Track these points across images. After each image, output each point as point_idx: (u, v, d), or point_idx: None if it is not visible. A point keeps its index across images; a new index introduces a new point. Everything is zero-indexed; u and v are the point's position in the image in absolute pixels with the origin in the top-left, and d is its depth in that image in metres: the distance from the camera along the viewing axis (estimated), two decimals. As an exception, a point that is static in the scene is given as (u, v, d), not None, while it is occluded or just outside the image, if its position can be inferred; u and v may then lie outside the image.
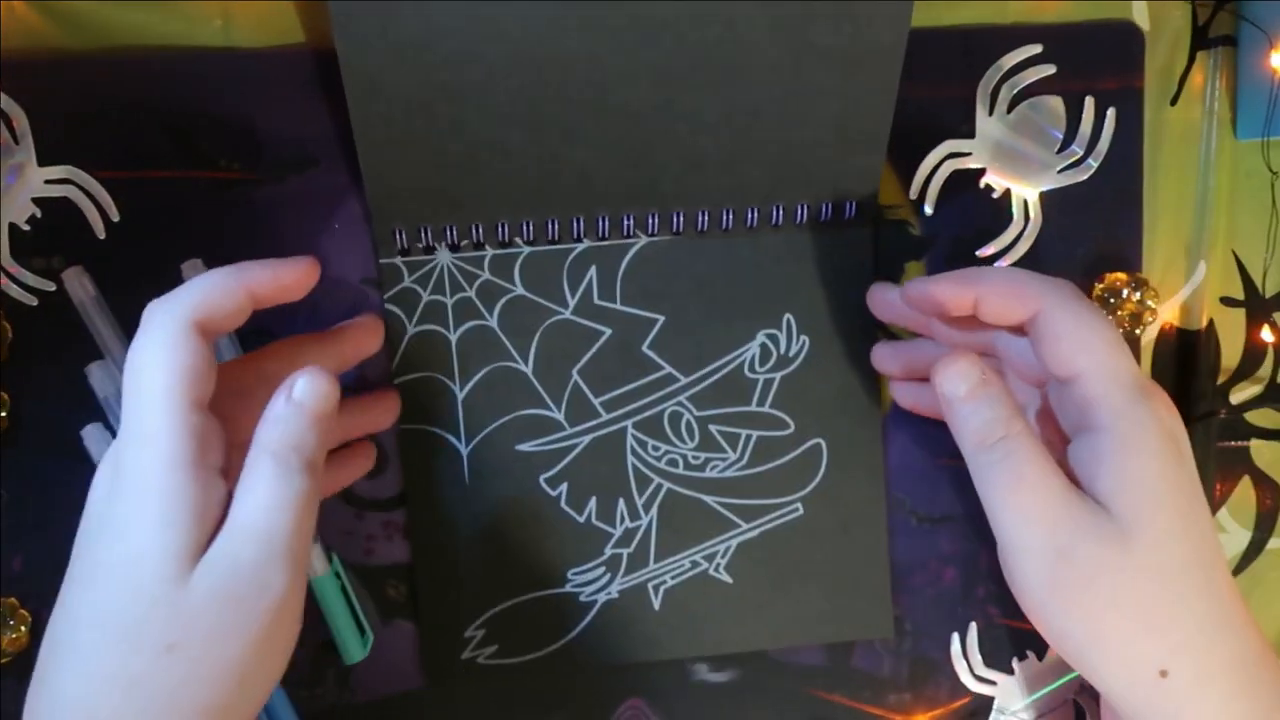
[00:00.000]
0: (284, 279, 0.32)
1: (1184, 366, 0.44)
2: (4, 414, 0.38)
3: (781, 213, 0.40)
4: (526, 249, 0.39)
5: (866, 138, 0.39)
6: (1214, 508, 0.45)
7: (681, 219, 0.39)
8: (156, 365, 0.29)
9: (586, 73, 0.35)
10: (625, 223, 0.39)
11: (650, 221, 0.39)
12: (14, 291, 0.37)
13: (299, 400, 0.31)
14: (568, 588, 0.41)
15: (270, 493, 0.29)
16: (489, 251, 0.39)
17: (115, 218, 0.38)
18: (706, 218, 0.40)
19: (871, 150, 0.39)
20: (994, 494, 0.33)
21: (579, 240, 0.39)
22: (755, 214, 0.40)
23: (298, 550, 0.30)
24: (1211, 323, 0.44)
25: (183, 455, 0.29)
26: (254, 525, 0.29)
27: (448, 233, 0.38)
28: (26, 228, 0.37)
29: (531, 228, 0.39)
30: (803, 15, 0.35)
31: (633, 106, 0.36)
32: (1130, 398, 0.32)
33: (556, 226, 0.39)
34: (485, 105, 0.35)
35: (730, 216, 0.40)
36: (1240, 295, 0.44)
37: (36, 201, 0.37)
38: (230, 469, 0.31)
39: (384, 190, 0.37)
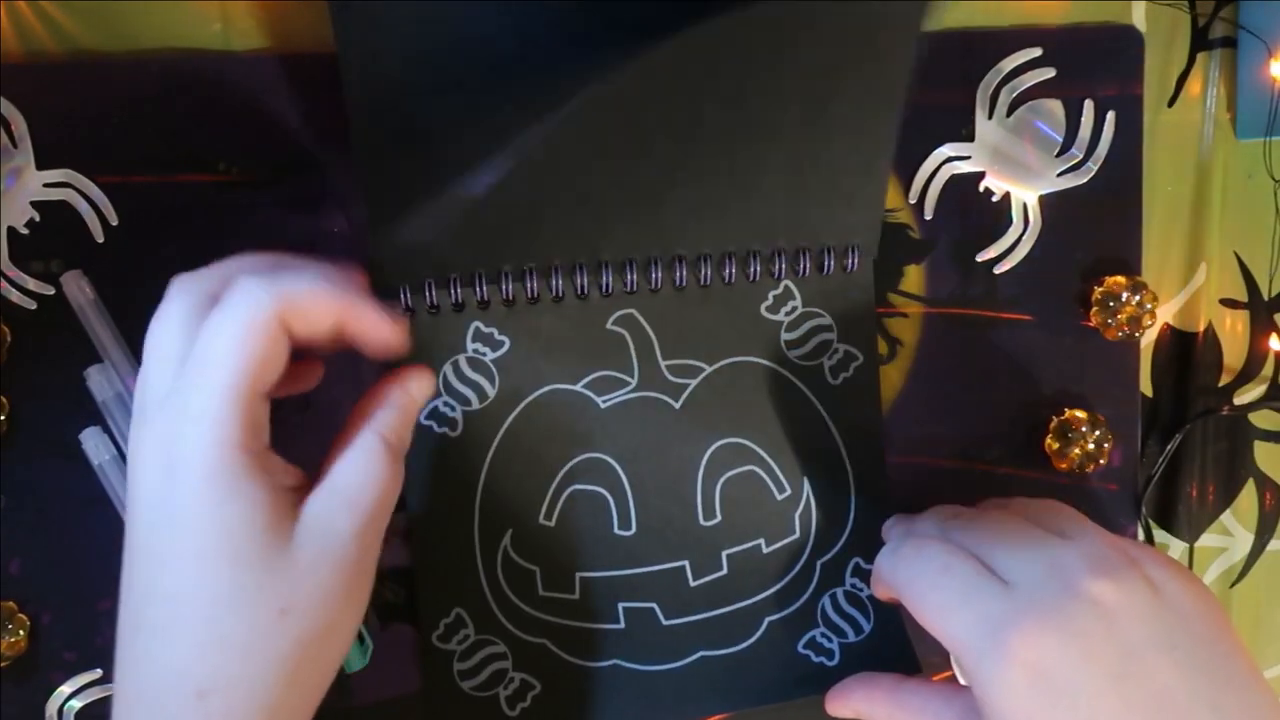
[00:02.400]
0: (375, 333, 0.32)
1: (1184, 369, 0.44)
2: (3, 417, 0.37)
3: (784, 263, 0.40)
4: (534, 312, 0.39)
5: (865, 184, 0.39)
6: (1215, 511, 0.45)
7: (685, 271, 0.39)
8: (233, 350, 0.29)
9: (585, 92, 0.35)
10: (628, 275, 0.39)
11: (654, 273, 0.39)
12: (12, 295, 0.37)
13: (416, 397, 0.33)
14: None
15: (377, 472, 0.31)
16: (486, 309, 0.39)
17: (114, 221, 0.38)
18: (709, 269, 0.39)
19: (870, 201, 0.39)
20: None
21: (583, 294, 0.39)
22: (758, 266, 0.39)
23: (381, 527, 0.31)
24: (1210, 325, 0.44)
25: (245, 441, 0.29)
26: (353, 497, 0.30)
27: (452, 288, 0.38)
28: (25, 231, 0.37)
29: (535, 278, 0.38)
30: (801, 52, 0.36)
31: (634, 125, 0.36)
32: (975, 656, 0.31)
33: (560, 276, 0.38)
34: (482, 142, 0.35)
35: (733, 267, 0.39)
36: (1242, 297, 0.44)
37: (35, 205, 0.37)
38: None
39: (387, 245, 0.37)
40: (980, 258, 0.42)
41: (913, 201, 0.41)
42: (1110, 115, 0.41)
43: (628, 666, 0.40)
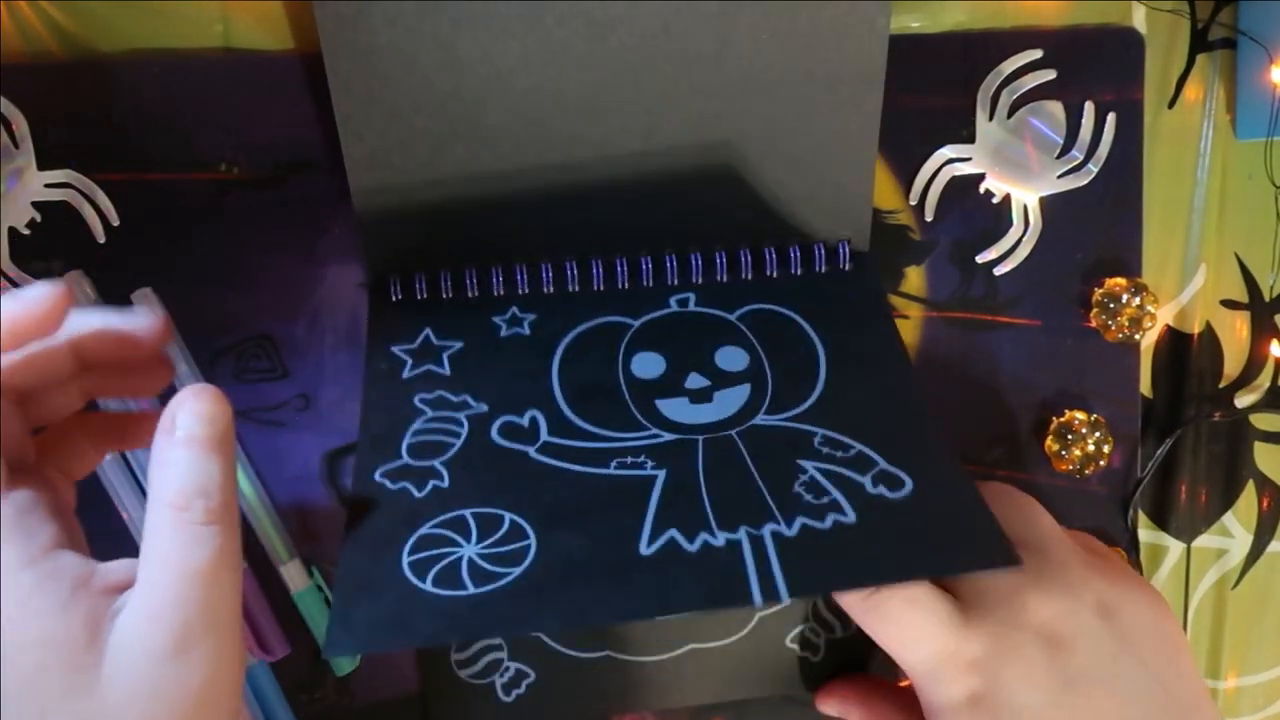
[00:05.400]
0: (116, 330, 0.28)
1: (1184, 371, 0.44)
2: (3, 417, 0.38)
3: (775, 259, 0.39)
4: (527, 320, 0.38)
5: (851, 179, 0.39)
6: (1215, 513, 0.45)
7: (675, 268, 0.39)
8: None
9: (574, 101, 0.36)
10: (619, 273, 0.39)
11: (645, 269, 0.39)
12: (13, 295, 0.37)
13: (187, 434, 0.26)
14: None
15: (181, 559, 0.25)
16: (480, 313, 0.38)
17: (115, 221, 0.38)
18: (700, 263, 0.39)
19: (857, 193, 0.39)
20: None
21: (575, 291, 0.39)
22: (749, 264, 0.39)
23: (226, 615, 0.25)
24: (1210, 326, 0.44)
25: (9, 557, 0.24)
26: (167, 602, 0.24)
27: (442, 282, 0.38)
28: (26, 231, 0.37)
29: (526, 277, 0.38)
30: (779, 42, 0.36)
31: (620, 126, 0.37)
32: (928, 682, 0.32)
33: (551, 274, 0.38)
34: (475, 139, 0.36)
35: (723, 264, 0.39)
36: (1243, 298, 0.44)
37: (36, 205, 0.37)
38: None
39: (377, 237, 0.37)
40: (981, 259, 0.42)
41: (913, 203, 0.41)
42: (1111, 117, 0.41)
43: (619, 657, 0.40)
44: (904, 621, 0.32)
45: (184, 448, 0.26)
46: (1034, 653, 0.31)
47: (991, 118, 0.41)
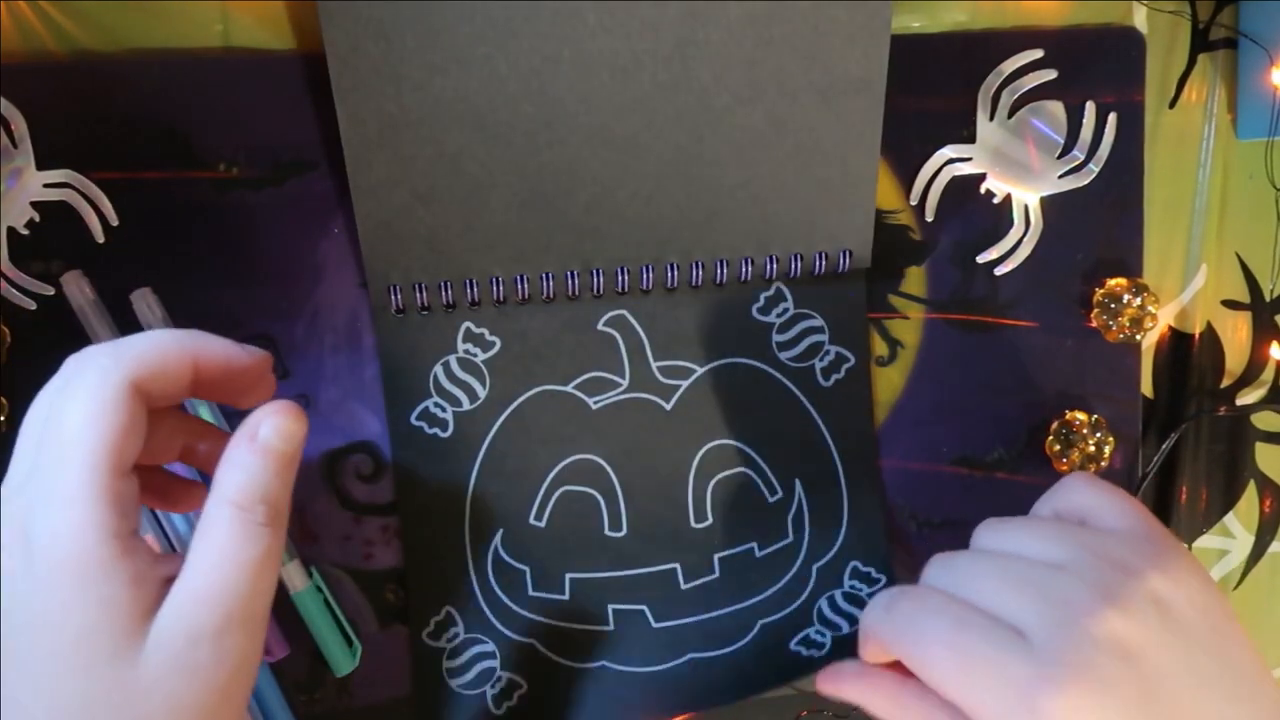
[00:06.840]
0: (235, 363, 0.29)
1: (1184, 371, 0.44)
2: (2, 418, 0.37)
3: (775, 265, 0.40)
4: (522, 310, 0.39)
5: (854, 190, 0.39)
6: (1216, 513, 0.44)
7: (675, 272, 0.39)
8: (87, 424, 0.26)
9: (579, 112, 0.36)
10: (620, 278, 0.39)
11: (645, 276, 0.39)
12: (12, 295, 0.37)
13: (265, 444, 0.28)
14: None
15: (233, 552, 0.27)
16: (480, 312, 0.39)
17: (114, 221, 0.38)
18: (700, 271, 0.39)
19: (859, 206, 0.39)
20: None
21: (574, 295, 0.39)
22: (749, 268, 0.40)
23: (259, 611, 0.27)
24: (1210, 326, 0.44)
25: (110, 524, 0.26)
26: (213, 588, 0.27)
27: (443, 290, 0.38)
28: (25, 231, 0.37)
29: (526, 284, 0.39)
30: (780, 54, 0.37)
31: (625, 135, 0.37)
32: None
33: (551, 278, 0.39)
34: (476, 140, 0.36)
35: (724, 268, 0.39)
36: (1244, 298, 0.44)
37: (35, 205, 0.37)
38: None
39: (378, 243, 0.37)
40: (981, 259, 0.42)
41: (914, 203, 0.41)
42: (1111, 117, 0.41)
43: (615, 668, 0.40)
44: (962, 647, 0.29)
45: (259, 455, 0.28)
46: (1117, 671, 0.28)
47: (992, 118, 0.41)
